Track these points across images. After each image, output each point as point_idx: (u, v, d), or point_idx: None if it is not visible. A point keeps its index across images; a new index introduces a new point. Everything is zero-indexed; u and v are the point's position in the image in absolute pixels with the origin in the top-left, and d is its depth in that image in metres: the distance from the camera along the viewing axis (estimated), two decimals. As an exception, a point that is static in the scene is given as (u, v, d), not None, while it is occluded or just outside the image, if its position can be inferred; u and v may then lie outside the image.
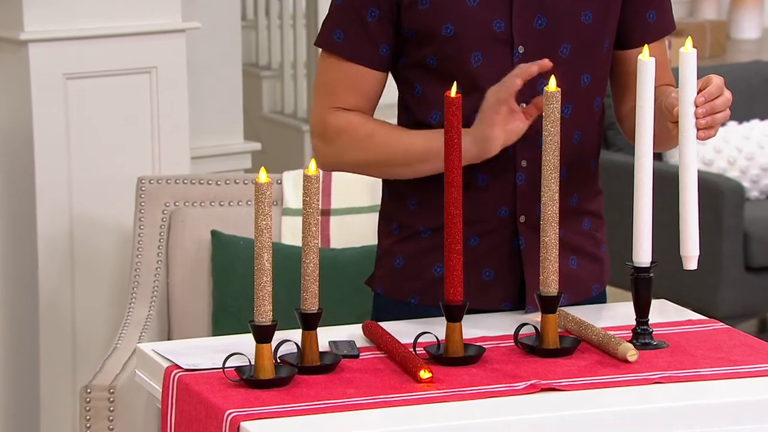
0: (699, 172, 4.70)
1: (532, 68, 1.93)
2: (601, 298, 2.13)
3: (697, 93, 1.90)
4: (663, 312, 2.06)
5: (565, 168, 2.04)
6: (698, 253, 1.89)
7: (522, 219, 2.04)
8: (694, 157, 1.90)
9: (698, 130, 1.91)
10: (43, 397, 3.28)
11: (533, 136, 2.00)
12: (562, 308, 1.96)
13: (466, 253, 2.02)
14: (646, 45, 1.94)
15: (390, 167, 2.04)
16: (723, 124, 1.95)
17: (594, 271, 2.09)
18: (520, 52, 2.01)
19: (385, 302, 2.09)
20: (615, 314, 2.05)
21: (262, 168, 1.81)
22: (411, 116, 2.06)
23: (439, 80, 2.01)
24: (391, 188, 2.08)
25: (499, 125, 1.95)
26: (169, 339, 3.05)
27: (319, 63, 2.08)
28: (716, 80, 1.92)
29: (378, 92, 2.06)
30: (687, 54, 1.89)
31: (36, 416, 3.29)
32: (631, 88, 2.07)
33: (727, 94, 1.93)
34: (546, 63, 1.93)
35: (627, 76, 2.10)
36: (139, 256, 3.09)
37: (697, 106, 1.90)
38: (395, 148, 2.02)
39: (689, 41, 1.89)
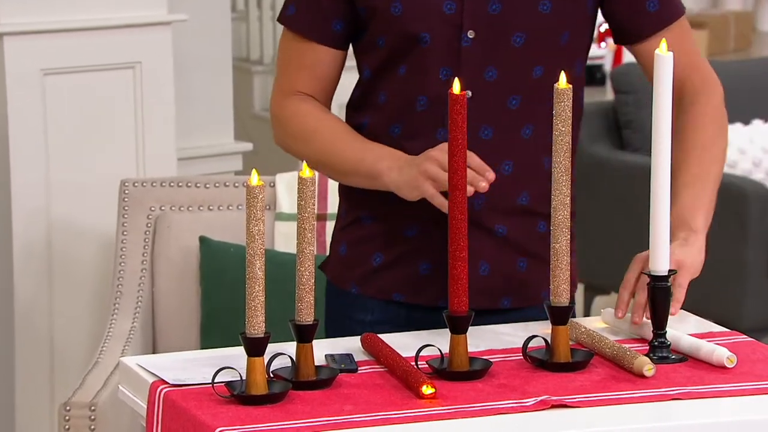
0: (722, 174, 4.69)
1: (490, 176, 1.94)
2: None
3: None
4: (682, 324, 2.07)
5: (510, 162, 2.06)
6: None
7: None
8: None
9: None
10: (18, 416, 3.29)
11: (475, 127, 2.03)
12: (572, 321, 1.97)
13: (403, 244, 2.07)
14: (664, 40, 1.95)
15: (326, 170, 2.10)
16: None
17: (546, 278, 2.08)
18: (470, 36, 2.04)
19: (332, 289, 2.15)
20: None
21: (254, 170, 1.83)
22: (360, 96, 2.11)
23: (387, 61, 2.06)
24: None
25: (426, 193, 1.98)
26: (154, 352, 3.06)
27: (280, 39, 2.15)
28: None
29: (333, 73, 2.12)
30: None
31: (11, 436, 3.30)
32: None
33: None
34: (491, 177, 1.94)
35: (648, 72, 2.10)
36: (122, 264, 3.11)
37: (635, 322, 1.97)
38: (331, 156, 2.07)
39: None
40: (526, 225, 2.07)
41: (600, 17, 2.12)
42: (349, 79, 2.19)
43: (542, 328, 2.00)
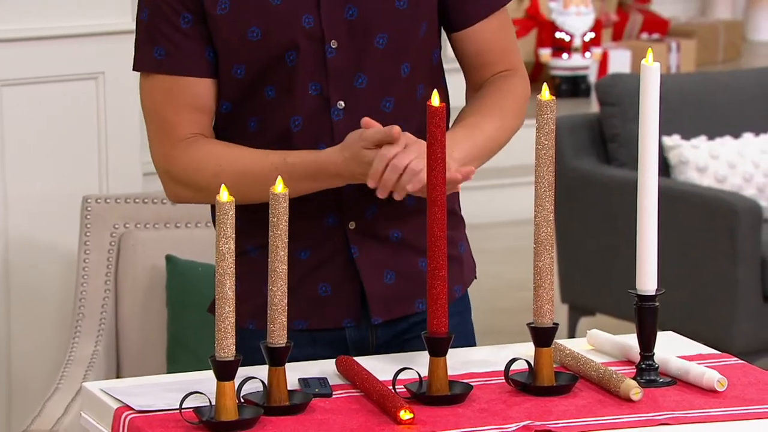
0: (712, 190, 4.74)
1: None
2: (464, 301, 2.17)
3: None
4: (670, 345, 2.08)
5: None
6: None
7: (351, 226, 2.08)
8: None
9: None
10: (-26, 445, 3.28)
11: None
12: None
13: (297, 269, 2.07)
14: (650, 50, 1.97)
15: (250, 199, 2.05)
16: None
17: (453, 272, 2.11)
18: (333, 46, 2.07)
19: None
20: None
21: (224, 185, 1.83)
22: (223, 128, 2.10)
23: (250, 88, 2.06)
24: None
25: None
26: (118, 377, 3.05)
27: (141, 90, 2.11)
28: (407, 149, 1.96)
29: (213, 104, 2.10)
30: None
31: (-33, 466, 3.29)
32: (468, 70, 2.15)
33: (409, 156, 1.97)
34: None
35: (464, 59, 2.15)
36: (85, 285, 3.10)
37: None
38: (248, 180, 2.03)
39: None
40: (419, 223, 2.09)
41: None
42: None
43: (525, 351, 2.01)
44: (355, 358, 1.98)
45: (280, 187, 1.83)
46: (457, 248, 2.16)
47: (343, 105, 2.06)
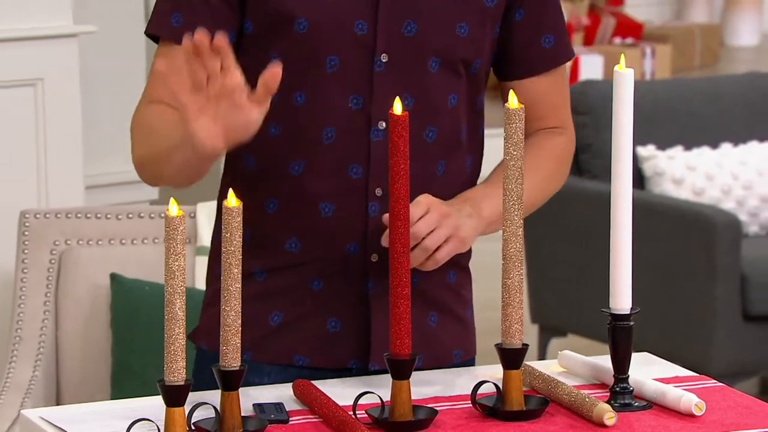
0: (688, 203, 4.76)
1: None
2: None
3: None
4: (646, 367, 2.10)
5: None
6: None
7: (374, 258, 2.06)
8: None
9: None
10: None
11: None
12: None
13: (308, 299, 2.06)
14: (623, 55, 1.99)
15: (156, 164, 1.97)
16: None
17: (457, 335, 2.11)
18: (383, 60, 2.04)
19: (211, 359, 2.01)
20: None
21: (173, 199, 1.84)
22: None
23: (280, 87, 2.00)
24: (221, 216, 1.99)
25: (196, 119, 1.85)
26: (58, 404, 3.05)
27: (154, 56, 2.06)
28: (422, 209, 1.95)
29: None
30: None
31: None
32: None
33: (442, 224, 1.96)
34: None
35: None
36: (22, 306, 3.10)
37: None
38: (158, 142, 1.96)
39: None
40: (436, 274, 2.07)
41: None
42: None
43: (493, 373, 2.02)
44: (314, 382, 1.99)
45: (233, 201, 1.83)
46: (465, 310, 2.14)
47: (385, 126, 2.02)
